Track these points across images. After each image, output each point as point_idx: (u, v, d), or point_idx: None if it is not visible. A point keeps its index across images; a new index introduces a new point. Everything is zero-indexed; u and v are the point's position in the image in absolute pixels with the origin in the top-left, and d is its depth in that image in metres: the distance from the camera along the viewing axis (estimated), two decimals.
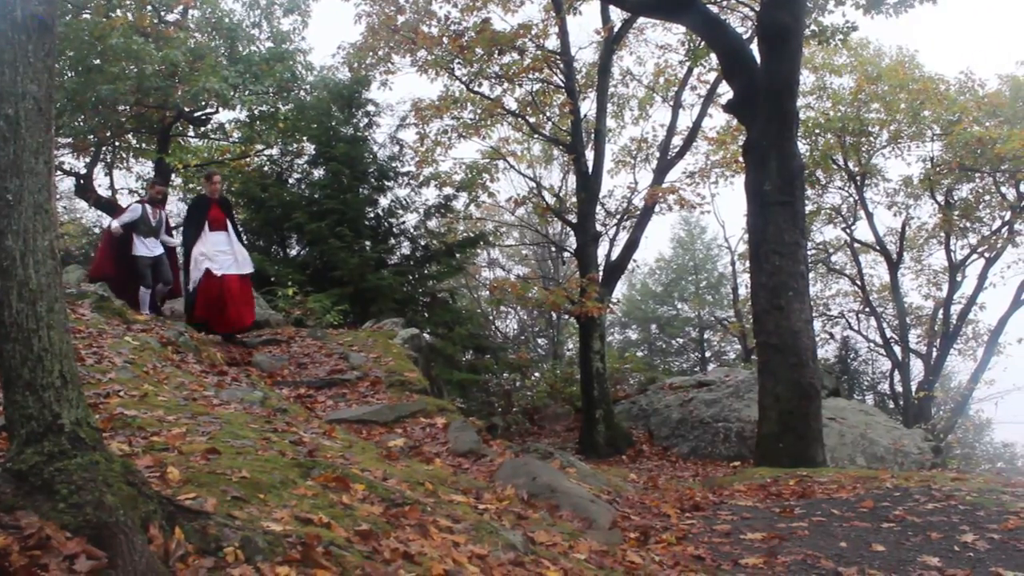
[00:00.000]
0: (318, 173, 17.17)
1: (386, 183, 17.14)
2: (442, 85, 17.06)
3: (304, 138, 17.59)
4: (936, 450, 14.34)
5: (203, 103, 16.40)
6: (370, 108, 17.49)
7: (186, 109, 16.55)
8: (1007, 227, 20.90)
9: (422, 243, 17.28)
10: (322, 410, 8.01)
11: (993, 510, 5.67)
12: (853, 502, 6.15)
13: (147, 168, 20.20)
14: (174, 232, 11.68)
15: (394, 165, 17.48)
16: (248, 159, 19.34)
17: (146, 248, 10.48)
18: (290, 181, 17.68)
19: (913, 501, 6.05)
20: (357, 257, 14.81)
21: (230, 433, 4.57)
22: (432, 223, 18.03)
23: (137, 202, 11.05)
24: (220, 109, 17.10)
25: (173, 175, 19.34)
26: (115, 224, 10.59)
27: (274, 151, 18.58)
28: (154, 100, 15.58)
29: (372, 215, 16.66)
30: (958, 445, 21.92)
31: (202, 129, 19.00)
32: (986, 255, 21.24)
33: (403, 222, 17.26)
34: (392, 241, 17.10)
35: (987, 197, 21.17)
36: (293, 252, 17.00)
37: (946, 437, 19.34)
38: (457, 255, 17.33)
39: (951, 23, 52.28)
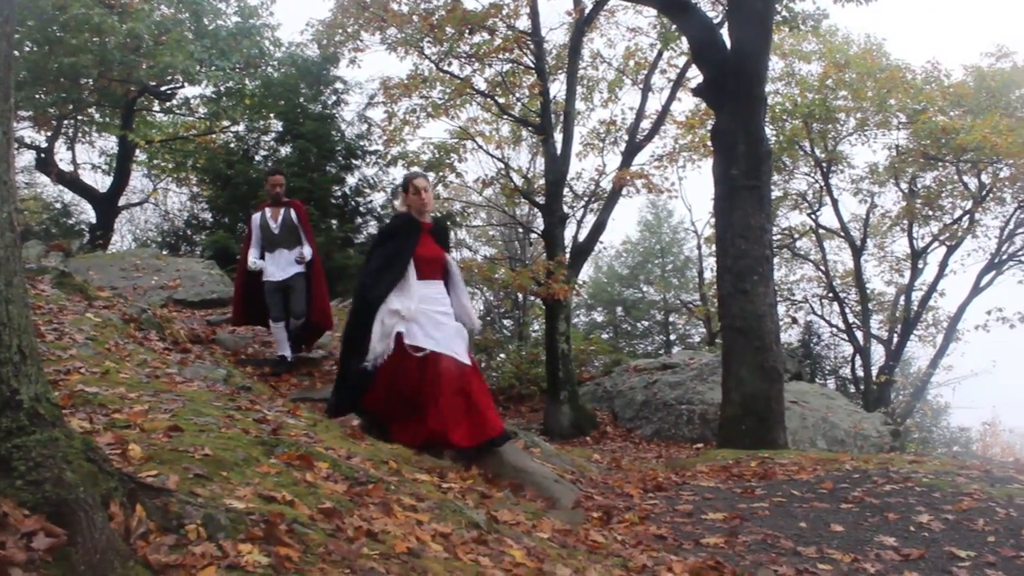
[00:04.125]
0: (285, 150, 17.03)
1: (354, 162, 17.05)
2: (411, 64, 16.97)
3: (271, 115, 17.42)
4: (895, 434, 14.55)
5: (168, 78, 16.18)
6: (338, 86, 17.38)
7: (151, 84, 16.32)
8: (968, 216, 21.18)
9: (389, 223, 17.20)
10: (287, 389, 7.98)
11: (948, 492, 5.78)
12: (813, 483, 6.24)
13: (110, 143, 19.91)
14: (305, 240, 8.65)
15: (362, 144, 17.39)
16: (214, 135, 19.13)
17: (271, 266, 8.34)
18: (256, 158, 17.53)
19: (872, 483, 6.14)
20: (324, 236, 14.73)
21: (193, 411, 4.54)
22: (399, 202, 17.93)
23: (254, 208, 8.79)
24: (185, 84, 16.89)
25: (137, 152, 19.10)
26: (252, 259, 8.39)
27: (240, 127, 18.40)
28: (118, 74, 15.34)
29: (339, 194, 16.58)
30: (916, 429, 22.24)
31: (167, 104, 18.77)
32: (947, 243, 21.51)
33: (370, 201, 17.20)
34: (359, 220, 17.02)
35: (950, 186, 21.42)
36: None
37: (905, 421, 19.63)
38: None
39: (918, 13, 52.73)
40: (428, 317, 5.85)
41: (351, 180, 16.89)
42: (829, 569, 4.50)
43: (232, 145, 18.03)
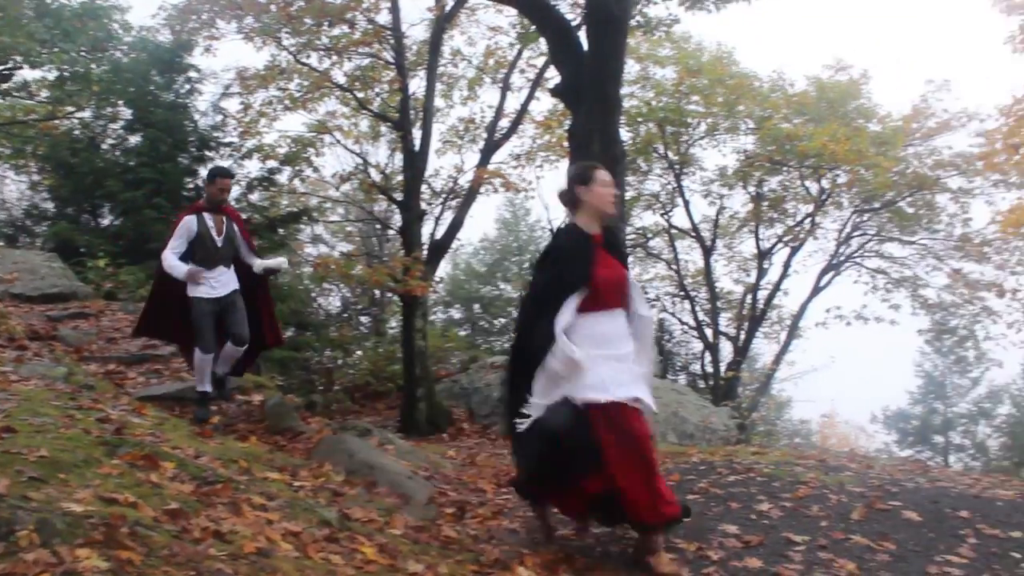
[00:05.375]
0: (134, 140, 16.38)
1: (207, 153, 16.55)
2: (269, 55, 16.56)
3: (120, 102, 16.73)
4: (741, 427, 15.14)
5: (5, 59, 15.33)
6: (192, 74, 16.83)
7: None
8: (809, 219, 22.19)
9: (244, 217, 16.77)
10: (132, 387, 7.73)
11: (787, 480, 6.06)
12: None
13: None
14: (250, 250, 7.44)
15: (216, 135, 16.90)
16: (57, 121, 18.23)
17: (207, 284, 6.91)
18: (103, 147, 16.80)
19: (716, 474, 6.38)
20: None
21: (29, 410, 4.34)
22: (254, 196, 17.55)
23: (187, 211, 7.11)
24: (24, 66, 16.05)
25: None
26: (173, 264, 6.86)
27: (87, 114, 17.58)
28: None
29: (192, 186, 16.05)
30: (762, 422, 23.21)
31: (3, 86, 17.77)
32: (790, 244, 22.47)
33: None
34: None
35: (793, 190, 22.39)
36: (105, 222, 16.17)
37: (751, 414, 20.44)
38: (280, 230, 16.94)
39: (765, 25, 55.00)
40: (607, 361, 4.42)
41: (204, 172, 16.39)
42: (675, 558, 4.65)
43: (77, 132, 17.22)
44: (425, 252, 15.58)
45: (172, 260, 6.86)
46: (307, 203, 20.25)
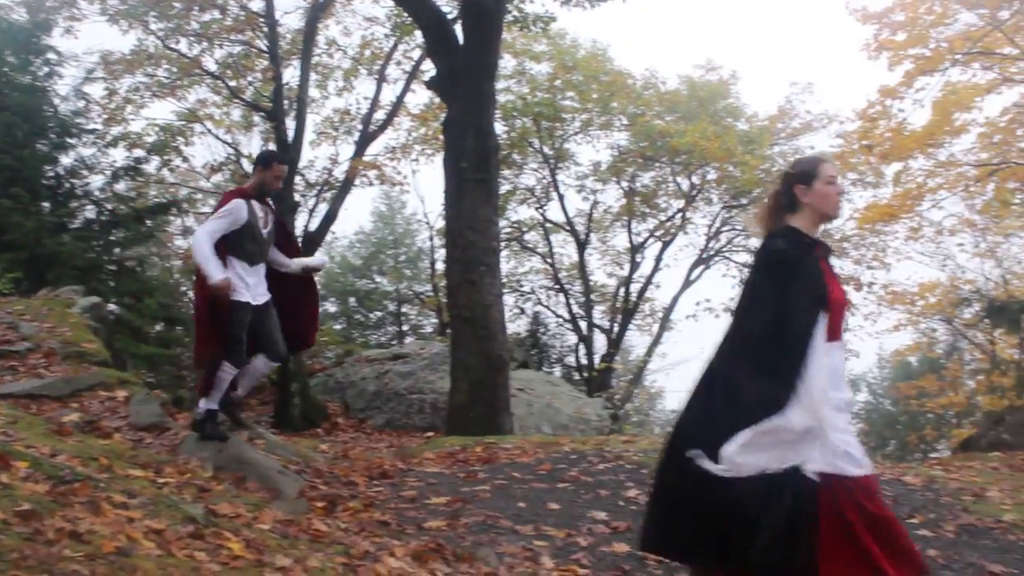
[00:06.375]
0: None
1: (69, 140, 15.84)
2: (135, 39, 16.00)
3: None
4: (614, 417, 15.45)
5: None
6: (51, 56, 16.10)
7: None
8: (680, 214, 22.77)
9: (109, 207, 16.17)
10: None
11: (654, 467, 6.21)
12: (533, 465, 6.52)
13: None
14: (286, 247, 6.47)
15: (78, 121, 16.20)
16: None
17: (246, 287, 5.84)
18: None
19: (587, 463, 6.51)
20: (34, 220, 13.62)
21: None
22: (120, 186, 16.92)
23: (235, 193, 6.07)
24: None
25: None
26: (207, 254, 5.64)
27: None
28: None
29: (52, 175, 15.36)
30: (635, 413, 23.74)
31: None
32: (662, 239, 23.00)
33: (88, 184, 16.03)
34: (74, 204, 15.85)
35: (665, 186, 22.92)
36: None
37: (624, 405, 20.88)
38: (148, 221, 16.38)
39: (639, 25, 56.17)
40: (844, 413, 3.32)
41: (66, 160, 15.69)
42: (545, 545, 4.73)
43: None
44: (299, 244, 15.34)
45: (206, 248, 5.68)
46: (177, 194, 19.66)
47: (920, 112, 17.94)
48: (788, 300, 3.25)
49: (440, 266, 21.26)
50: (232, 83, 16.57)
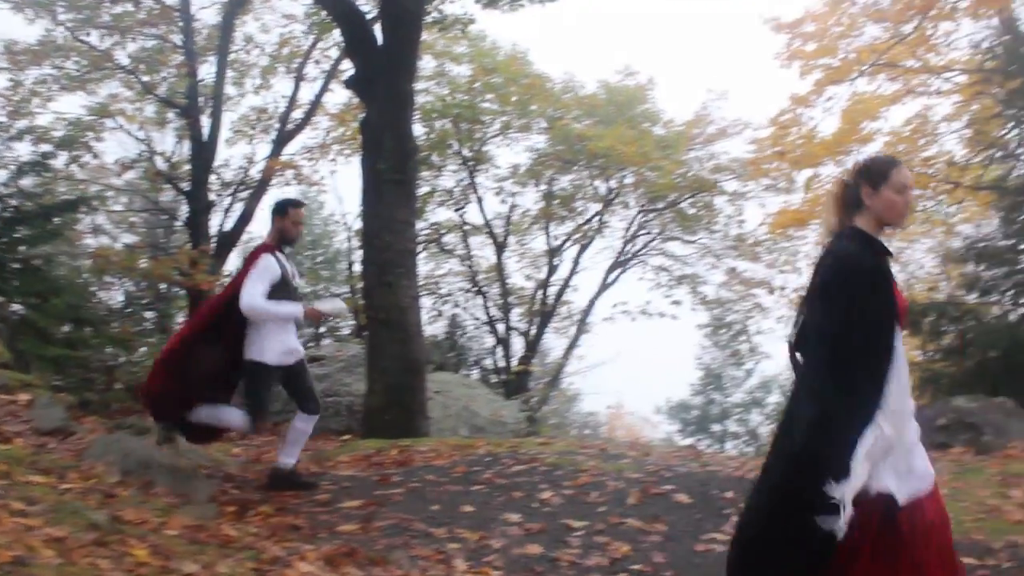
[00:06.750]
0: None
1: None
2: (43, 28, 15.54)
3: None
4: (531, 419, 15.51)
5: None
6: None
7: None
8: (598, 218, 22.98)
9: (13, 203, 15.64)
10: None
11: (568, 469, 6.28)
12: (448, 468, 6.51)
13: None
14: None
15: None
16: None
17: (282, 346, 5.77)
18: None
19: (501, 465, 6.52)
20: None
21: None
22: (26, 182, 16.39)
23: (262, 249, 5.86)
24: None
25: None
26: (277, 310, 5.66)
27: None
28: None
29: None
30: (552, 415, 23.85)
31: None
32: (580, 242, 23.17)
33: None
34: None
35: (583, 189, 23.10)
36: None
37: (541, 407, 20.96)
38: (55, 219, 15.90)
39: (559, 29, 56.66)
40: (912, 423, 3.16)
41: None
42: (458, 548, 4.73)
43: None
44: (213, 245, 15.07)
45: (267, 305, 5.59)
46: (86, 191, 19.12)
47: (829, 120, 18.51)
48: (867, 310, 3.07)
49: (357, 268, 21.08)
50: (145, 78, 16.23)
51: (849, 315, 3.06)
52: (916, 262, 22.38)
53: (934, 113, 18.52)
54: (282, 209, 5.99)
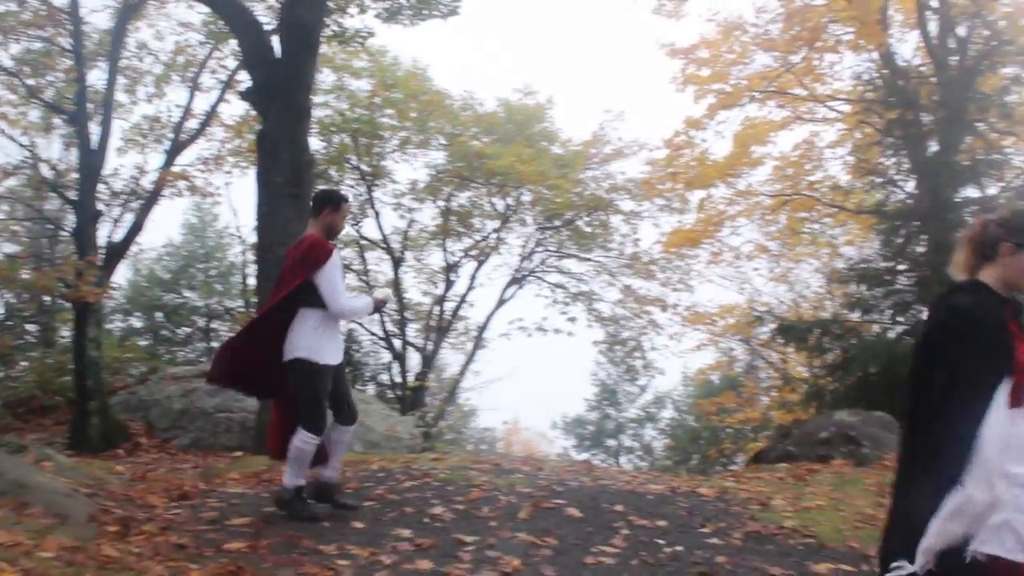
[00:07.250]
0: None
1: None
2: None
3: None
4: (426, 435, 15.47)
5: None
6: None
7: None
8: (495, 234, 23.12)
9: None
10: None
11: (461, 484, 6.31)
12: (340, 484, 6.46)
13: None
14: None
15: None
16: None
17: (332, 344, 5.66)
18: None
19: (394, 480, 6.52)
20: None
21: None
22: None
23: (322, 241, 5.69)
24: None
25: None
26: (356, 306, 5.78)
27: None
28: None
29: None
30: (449, 430, 23.81)
31: None
32: (477, 259, 23.26)
33: None
34: None
35: (480, 206, 23.21)
36: None
37: (437, 423, 20.93)
38: None
39: (460, 47, 56.94)
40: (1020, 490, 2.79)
41: None
42: (347, 564, 4.71)
43: None
44: (102, 256, 14.62)
45: (351, 302, 5.67)
46: None
47: (722, 143, 19.17)
48: (965, 362, 2.85)
49: (252, 281, 20.76)
50: (30, 81, 15.66)
51: (944, 369, 2.88)
52: (803, 281, 23.17)
53: (820, 139, 19.38)
54: (337, 202, 5.84)
